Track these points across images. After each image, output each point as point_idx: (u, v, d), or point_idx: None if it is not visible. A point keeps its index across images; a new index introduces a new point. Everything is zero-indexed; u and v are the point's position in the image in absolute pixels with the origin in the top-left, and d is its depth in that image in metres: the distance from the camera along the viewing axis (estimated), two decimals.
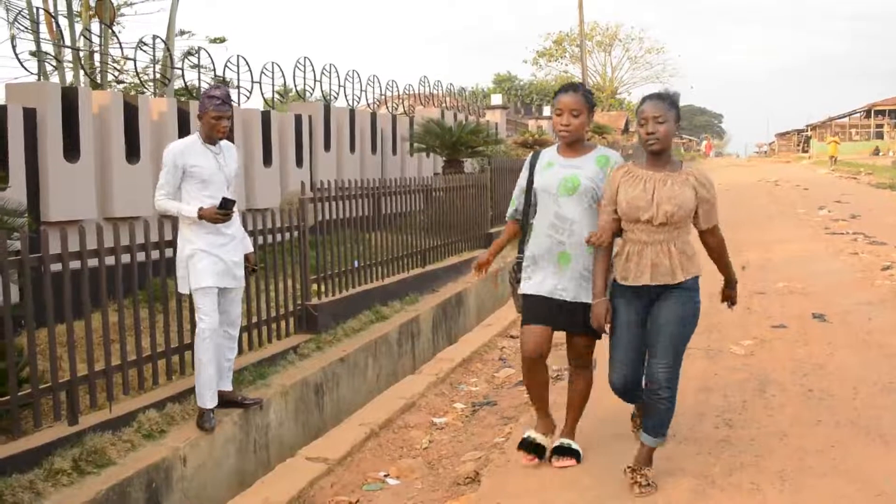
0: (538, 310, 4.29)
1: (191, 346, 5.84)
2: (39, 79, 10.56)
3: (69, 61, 11.35)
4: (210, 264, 5.13)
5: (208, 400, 5.18)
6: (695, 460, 4.36)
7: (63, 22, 11.97)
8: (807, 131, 69.13)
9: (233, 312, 5.43)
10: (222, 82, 11.60)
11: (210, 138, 5.24)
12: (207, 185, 5.18)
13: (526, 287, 4.33)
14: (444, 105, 18.55)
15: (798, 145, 69.12)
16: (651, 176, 3.90)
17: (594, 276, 4.10)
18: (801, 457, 4.33)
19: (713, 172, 38.95)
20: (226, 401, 5.40)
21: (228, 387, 5.47)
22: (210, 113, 5.15)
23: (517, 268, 4.48)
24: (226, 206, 5.10)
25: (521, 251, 4.45)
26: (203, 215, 5.08)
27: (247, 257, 5.53)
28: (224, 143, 5.37)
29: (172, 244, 5.72)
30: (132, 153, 8.23)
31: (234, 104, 4.89)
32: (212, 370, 5.16)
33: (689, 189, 3.89)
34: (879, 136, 55.88)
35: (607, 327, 4.10)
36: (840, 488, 3.96)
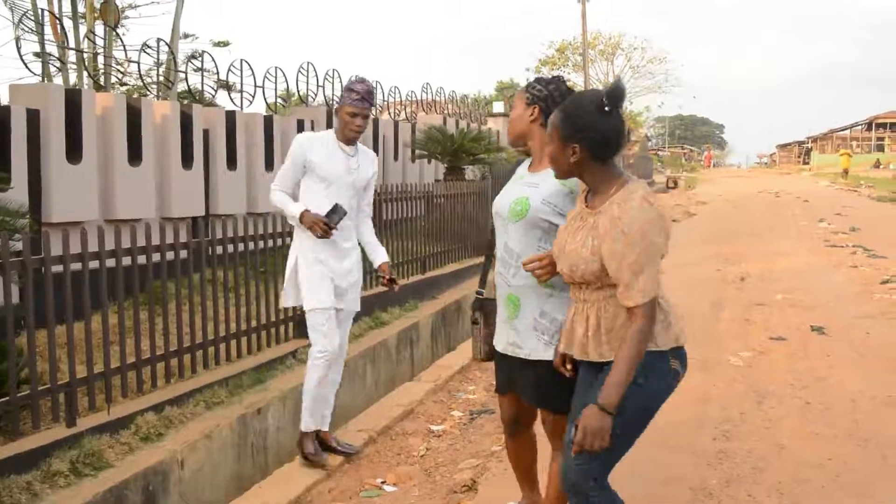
0: (499, 371, 3.46)
1: (191, 350, 5.86)
2: (43, 80, 10.59)
3: (73, 63, 11.37)
4: (322, 279, 4.69)
5: (310, 422, 4.86)
6: (692, 471, 4.36)
7: (67, 23, 11.99)
8: (808, 143, 69.20)
9: (342, 341, 4.94)
10: (225, 86, 11.62)
11: (345, 137, 4.73)
12: (329, 185, 4.69)
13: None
14: (446, 112, 18.58)
15: (799, 157, 69.17)
16: (581, 211, 2.85)
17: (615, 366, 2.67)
18: (798, 469, 4.33)
19: (712, 183, 39.01)
20: (319, 442, 4.97)
21: (325, 427, 5.00)
22: (345, 108, 4.63)
23: (477, 307, 3.67)
24: (335, 214, 4.56)
25: (481, 286, 3.74)
26: (305, 221, 4.60)
27: (381, 268, 4.93)
28: (362, 147, 4.88)
29: (174, 247, 5.73)
30: (134, 156, 8.25)
31: (369, 106, 4.70)
32: (318, 399, 4.82)
33: (589, 236, 2.72)
34: (880, 148, 55.90)
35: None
36: (839, 501, 3.97)
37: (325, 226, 4.55)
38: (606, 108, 2.66)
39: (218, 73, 11.69)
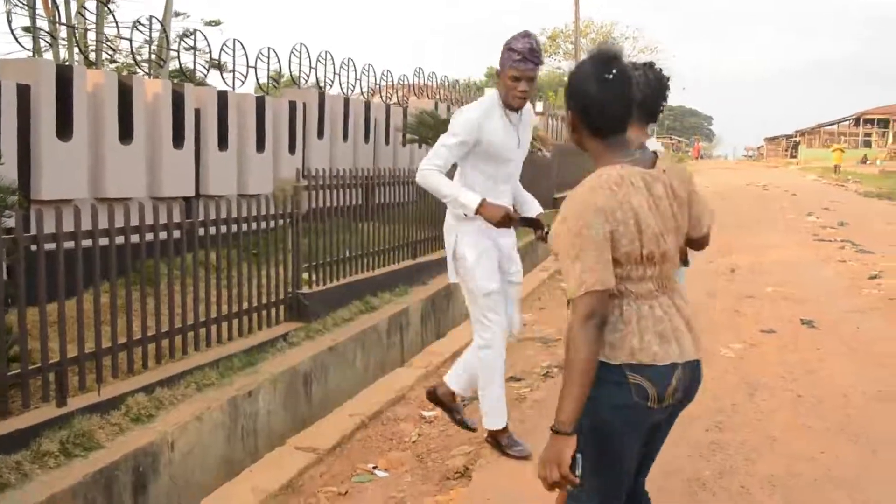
0: None
1: (182, 331, 5.82)
2: (34, 55, 10.47)
3: (63, 39, 11.25)
4: (487, 259, 4.31)
5: (498, 419, 4.51)
6: (686, 462, 4.37)
7: None
8: (796, 137, 69.45)
9: (514, 316, 4.58)
10: (217, 66, 11.51)
11: (508, 104, 4.16)
12: (499, 164, 4.23)
13: None
14: (437, 97, 18.50)
15: (787, 151, 69.44)
16: None
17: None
18: (791, 462, 4.34)
19: (700, 175, 39.08)
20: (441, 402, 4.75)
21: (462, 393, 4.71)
22: (507, 72, 4.04)
23: None
24: (527, 224, 4.13)
25: None
26: (484, 214, 4.05)
27: (537, 222, 4.18)
28: (527, 109, 4.29)
29: (167, 227, 5.67)
30: (125, 134, 8.16)
31: (535, 66, 4.06)
32: (498, 388, 4.45)
33: None
34: (868, 144, 56.18)
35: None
36: (829, 494, 3.98)
37: (509, 218, 4.06)
38: (606, 75, 2.33)
39: (210, 52, 11.57)
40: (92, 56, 11.18)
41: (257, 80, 11.81)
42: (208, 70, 12.42)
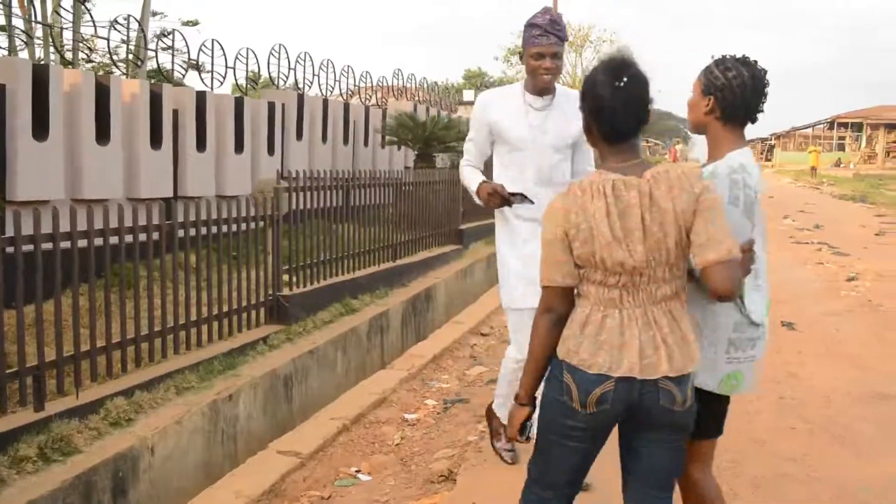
0: None
1: (161, 334, 5.74)
2: (9, 54, 10.33)
3: (39, 38, 11.11)
4: (513, 271, 3.93)
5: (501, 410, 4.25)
6: None
7: None
8: (771, 140, 70.05)
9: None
10: (195, 66, 11.43)
11: (535, 87, 3.86)
12: (519, 152, 3.90)
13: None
14: (416, 99, 18.48)
15: (762, 154, 69.99)
16: None
17: None
18: (776, 463, 4.35)
19: None
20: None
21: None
22: (529, 50, 3.75)
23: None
24: (517, 196, 3.76)
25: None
26: (480, 194, 3.83)
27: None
28: (563, 92, 3.94)
29: (147, 229, 5.60)
30: (102, 134, 8.06)
31: (559, 40, 3.75)
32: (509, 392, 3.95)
33: None
34: (841, 147, 56.76)
35: None
36: (815, 496, 3.99)
37: (502, 197, 3.74)
38: (617, 82, 2.36)
39: (188, 52, 11.48)
40: (68, 55, 11.05)
41: (235, 80, 11.74)
42: (186, 70, 12.35)
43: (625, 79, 2.35)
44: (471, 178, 3.94)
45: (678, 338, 2.38)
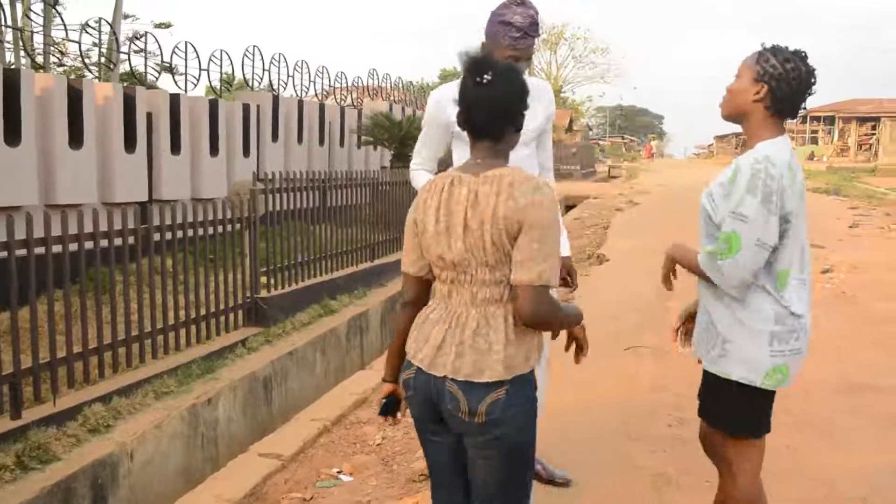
0: None
1: (139, 339, 5.71)
2: None
3: (9, 42, 11.00)
4: None
5: None
6: (650, 458, 4.39)
7: (4, 0, 11.61)
8: (744, 135, 70.53)
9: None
10: (168, 69, 11.36)
11: None
12: None
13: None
14: (392, 98, 18.46)
15: (736, 148, 70.47)
16: None
17: None
18: (766, 458, 4.38)
19: (654, 173, 39.57)
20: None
21: None
22: (504, 51, 3.32)
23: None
24: None
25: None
26: None
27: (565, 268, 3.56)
28: (530, 83, 3.46)
29: (122, 233, 5.57)
30: (75, 138, 8.01)
31: (534, 42, 3.43)
32: None
33: None
34: (814, 141, 57.24)
35: None
36: (795, 487, 4.02)
37: None
38: (478, 79, 2.32)
39: (161, 55, 11.44)
40: (40, 59, 10.95)
41: (210, 82, 11.68)
42: (160, 73, 12.27)
43: (487, 77, 2.32)
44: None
45: (480, 344, 2.28)
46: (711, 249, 2.68)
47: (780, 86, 2.63)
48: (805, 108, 2.72)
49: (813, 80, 2.66)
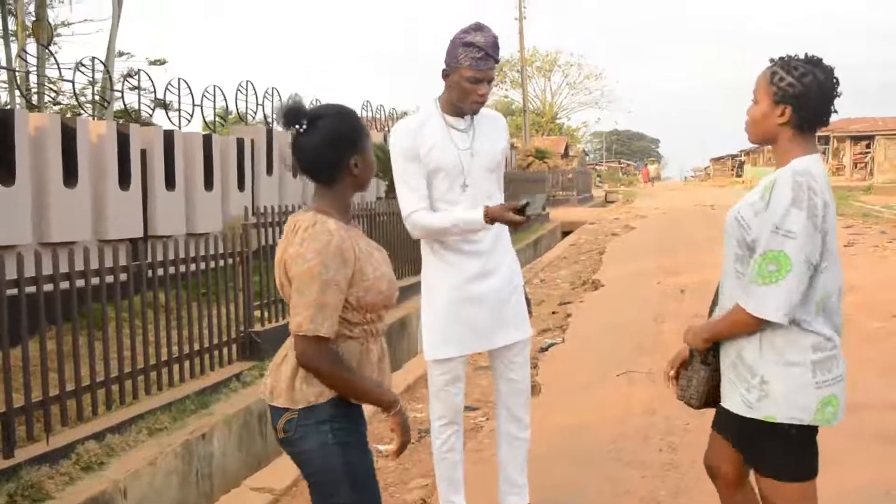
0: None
1: (132, 375, 5.73)
2: None
3: (4, 82, 11.12)
4: (456, 317, 3.52)
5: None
6: (640, 483, 4.40)
7: None
8: (740, 156, 70.79)
9: (513, 387, 3.76)
10: (162, 105, 11.46)
11: (457, 110, 3.45)
12: (448, 181, 3.46)
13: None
14: (386, 129, 18.57)
15: (732, 170, 70.70)
16: None
17: None
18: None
19: (650, 197, 39.65)
20: None
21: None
22: (463, 71, 3.33)
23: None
24: (534, 208, 3.29)
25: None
26: (494, 215, 3.30)
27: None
28: (482, 115, 3.55)
29: (113, 270, 5.61)
30: (70, 177, 8.07)
31: (495, 64, 3.44)
32: (445, 469, 3.76)
33: None
34: None
35: None
36: None
37: (519, 212, 3.28)
38: (297, 128, 2.44)
39: (155, 91, 11.53)
40: (34, 99, 11.05)
41: (203, 118, 11.78)
42: (153, 109, 12.38)
43: (302, 125, 2.42)
44: (449, 217, 3.42)
45: (282, 371, 2.46)
46: (753, 280, 2.46)
47: (803, 103, 2.47)
48: (836, 111, 2.53)
49: (836, 83, 2.50)
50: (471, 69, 3.31)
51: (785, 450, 2.56)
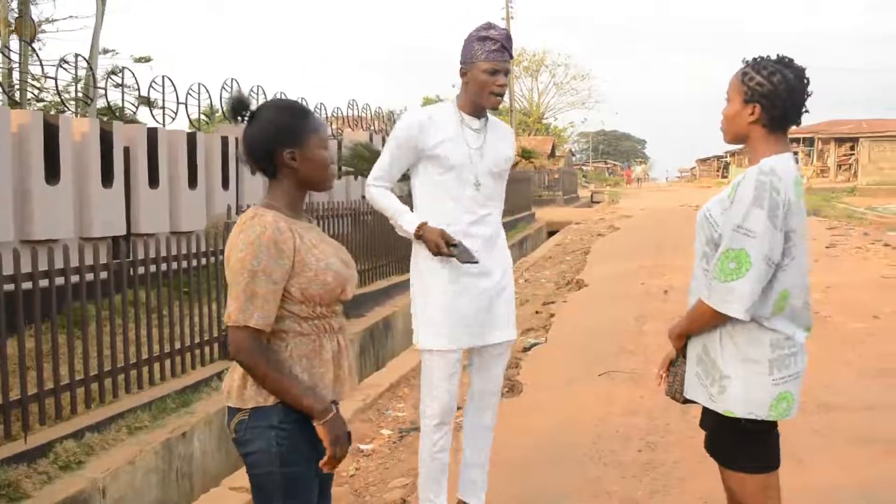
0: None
1: (112, 374, 5.71)
2: None
3: None
4: (448, 308, 3.54)
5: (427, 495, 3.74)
6: (619, 483, 4.42)
7: None
8: (726, 157, 71.07)
9: (487, 387, 3.79)
10: (146, 103, 11.42)
11: (476, 107, 3.53)
12: (455, 174, 3.51)
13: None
14: (372, 128, 18.57)
15: (718, 171, 70.94)
16: None
17: None
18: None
19: (635, 198, 39.72)
20: None
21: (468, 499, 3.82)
22: (480, 64, 3.41)
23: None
24: (460, 251, 3.40)
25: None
26: (424, 237, 3.46)
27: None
28: (494, 120, 3.67)
29: (93, 268, 5.59)
30: (52, 174, 8.03)
31: (510, 58, 3.54)
32: (433, 470, 3.69)
33: None
34: (795, 162, 57.66)
35: None
36: None
37: (448, 246, 3.39)
38: (239, 119, 2.44)
39: (139, 89, 11.51)
40: (16, 96, 10.99)
41: (188, 116, 11.74)
42: (137, 107, 12.33)
43: (245, 116, 2.43)
44: (398, 209, 3.58)
45: (237, 369, 2.39)
46: (716, 276, 2.51)
47: (773, 102, 2.53)
48: (808, 111, 2.60)
49: (806, 83, 2.56)
50: (487, 61, 3.40)
51: (744, 443, 2.64)
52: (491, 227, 3.59)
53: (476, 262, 3.43)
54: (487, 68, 3.41)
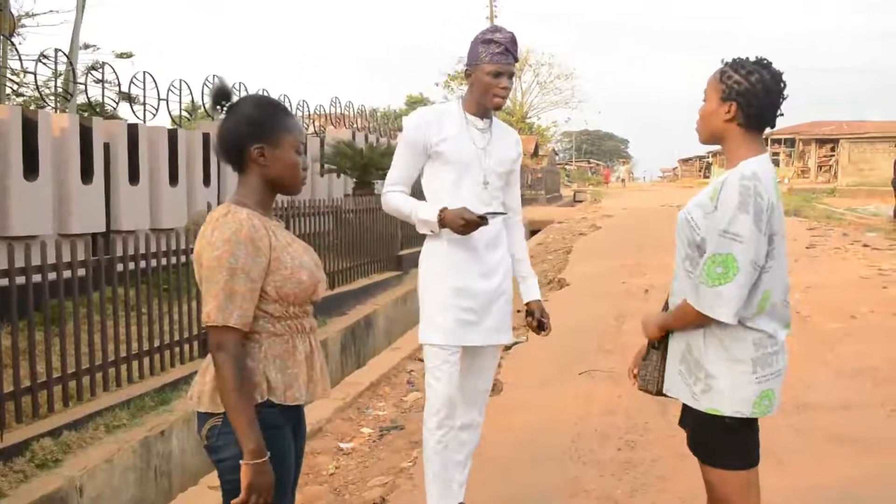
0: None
1: (90, 371, 5.66)
2: None
3: None
4: (449, 306, 3.55)
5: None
6: (598, 482, 4.43)
7: None
8: (708, 158, 71.44)
9: (477, 385, 3.79)
10: (127, 99, 11.34)
11: (480, 107, 3.56)
12: (460, 173, 3.53)
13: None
14: (355, 126, 18.54)
15: (700, 171, 71.30)
16: None
17: None
18: (702, 477, 4.43)
19: (617, 197, 39.84)
20: None
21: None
22: (484, 66, 3.46)
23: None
24: (490, 217, 3.42)
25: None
26: (448, 220, 3.40)
27: (529, 305, 3.79)
28: (498, 122, 3.71)
29: (71, 265, 5.55)
30: (31, 170, 7.96)
31: (515, 61, 3.55)
32: (437, 469, 3.67)
33: None
34: (776, 163, 58.05)
35: None
36: None
37: (478, 219, 3.37)
38: (220, 112, 2.40)
39: (120, 85, 11.38)
40: None
41: (169, 112, 11.67)
42: (118, 103, 12.24)
43: (223, 106, 2.39)
44: (414, 204, 3.53)
45: (209, 372, 2.31)
46: (703, 281, 2.53)
47: (749, 100, 2.55)
48: (783, 114, 2.63)
49: (783, 85, 2.59)
50: (492, 63, 3.44)
51: (725, 440, 2.66)
52: (496, 227, 3.60)
53: (504, 214, 3.58)
54: (491, 70, 3.46)
